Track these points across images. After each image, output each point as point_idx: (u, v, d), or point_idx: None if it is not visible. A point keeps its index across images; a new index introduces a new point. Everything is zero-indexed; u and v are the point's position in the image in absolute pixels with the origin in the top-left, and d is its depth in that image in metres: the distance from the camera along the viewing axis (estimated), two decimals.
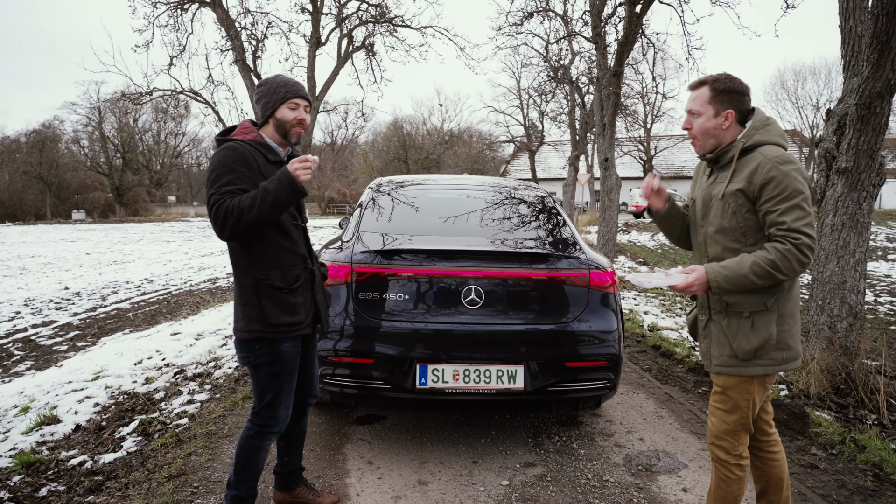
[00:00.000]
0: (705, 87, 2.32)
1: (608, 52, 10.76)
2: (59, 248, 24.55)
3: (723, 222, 2.29)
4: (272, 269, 2.49)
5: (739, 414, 2.31)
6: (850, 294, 4.61)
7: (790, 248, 2.10)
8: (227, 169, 2.37)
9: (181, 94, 11.94)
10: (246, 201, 2.32)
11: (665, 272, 2.28)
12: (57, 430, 4.16)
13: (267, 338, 2.48)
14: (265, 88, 2.55)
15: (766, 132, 2.27)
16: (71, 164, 53.68)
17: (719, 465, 2.38)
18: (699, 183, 2.51)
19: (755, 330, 2.23)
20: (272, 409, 2.59)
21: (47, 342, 9.02)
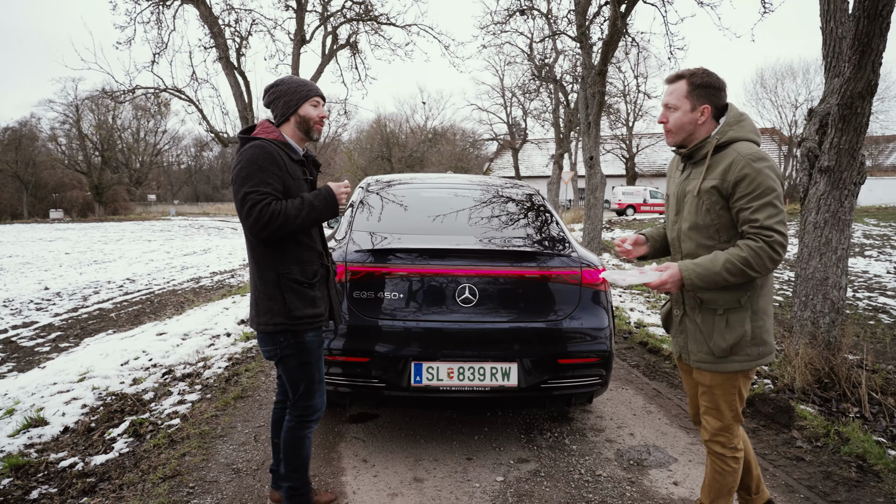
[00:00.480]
0: (683, 80, 2.32)
1: (593, 50, 10.84)
2: (38, 248, 24.15)
3: (697, 219, 2.31)
4: (293, 265, 2.58)
5: (730, 409, 2.38)
6: (832, 290, 4.71)
7: (763, 245, 2.12)
8: (258, 167, 2.45)
9: (164, 92, 11.81)
10: (292, 210, 2.45)
11: (639, 269, 2.30)
12: (45, 432, 4.11)
13: (291, 329, 2.56)
14: (283, 87, 2.62)
15: (740, 128, 2.28)
16: (48, 163, 52.67)
17: (716, 459, 2.44)
18: (673, 179, 2.54)
19: (730, 327, 2.27)
20: (307, 399, 2.67)
21: (28, 343, 8.88)
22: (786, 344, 4.92)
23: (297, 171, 2.59)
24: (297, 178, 2.59)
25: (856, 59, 4.19)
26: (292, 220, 2.45)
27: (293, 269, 2.57)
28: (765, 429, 3.93)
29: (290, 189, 2.54)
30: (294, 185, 2.56)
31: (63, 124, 52.52)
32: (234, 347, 6.13)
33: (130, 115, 54.69)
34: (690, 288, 2.22)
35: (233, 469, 3.33)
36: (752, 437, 3.81)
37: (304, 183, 2.63)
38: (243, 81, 12.34)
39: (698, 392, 2.50)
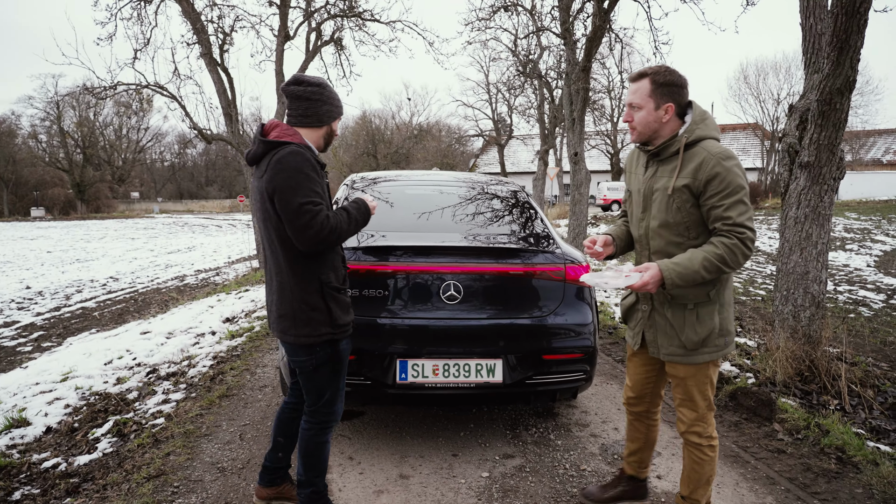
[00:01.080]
0: (646, 79, 2.34)
1: (577, 47, 10.87)
2: (19, 247, 23.84)
3: (667, 217, 2.35)
4: (330, 272, 2.56)
5: (704, 399, 2.46)
6: (812, 284, 4.78)
7: (736, 242, 2.19)
8: (305, 176, 2.39)
9: (146, 89, 11.66)
10: (344, 224, 2.48)
11: (616, 269, 2.33)
12: (27, 432, 4.07)
13: (335, 339, 2.55)
14: (329, 95, 2.56)
15: (705, 127, 2.33)
16: (29, 160, 51.94)
17: (693, 449, 2.50)
18: (635, 175, 2.56)
19: (700, 321, 2.34)
20: (332, 406, 2.66)
21: (10, 343, 8.78)
22: (767, 338, 4.99)
23: (323, 176, 2.58)
24: (325, 183, 2.58)
25: (834, 55, 4.24)
26: (345, 235, 2.50)
27: (332, 277, 2.56)
28: (746, 422, 3.98)
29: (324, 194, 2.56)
30: (327, 190, 2.57)
31: (44, 121, 51.85)
32: (219, 346, 6.09)
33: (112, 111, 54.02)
34: (670, 286, 2.24)
35: (218, 468, 3.31)
36: (734, 431, 3.86)
37: (326, 188, 2.62)
38: (227, 78, 12.23)
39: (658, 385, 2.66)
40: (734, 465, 3.37)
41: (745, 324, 6.66)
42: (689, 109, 2.38)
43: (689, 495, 2.57)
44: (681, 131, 2.34)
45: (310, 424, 2.66)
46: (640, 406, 2.76)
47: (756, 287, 9.83)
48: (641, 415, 2.78)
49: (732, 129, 46.10)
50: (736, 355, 5.20)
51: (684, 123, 2.37)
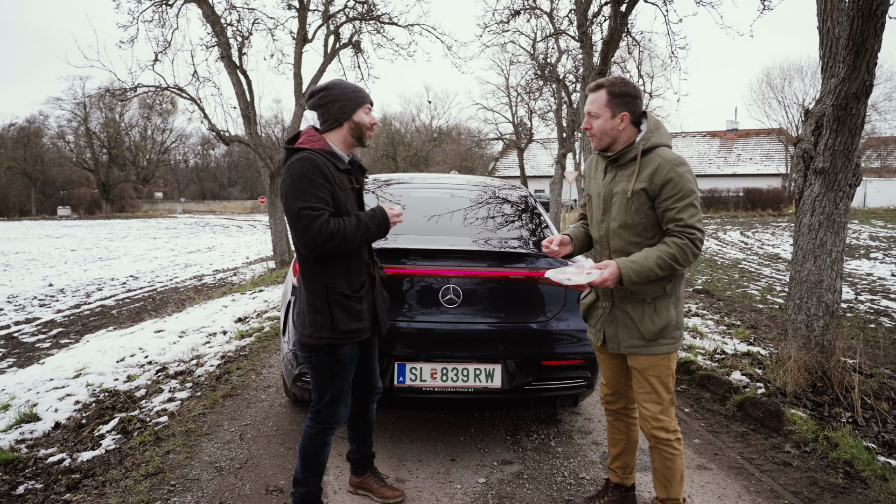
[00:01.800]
0: (602, 90, 2.49)
1: (594, 50, 10.80)
2: (44, 245, 24.34)
3: (626, 218, 2.49)
4: (341, 277, 2.57)
5: (667, 391, 2.55)
6: (826, 293, 4.67)
7: (687, 242, 2.35)
8: (309, 181, 2.43)
9: (166, 91, 11.85)
10: (349, 230, 2.46)
11: (578, 266, 2.53)
12: (36, 427, 4.14)
13: (333, 343, 2.57)
14: (337, 92, 2.58)
15: (659, 135, 2.49)
16: (56, 160, 53.09)
17: (661, 445, 2.56)
18: (595, 180, 2.71)
19: (658, 313, 2.48)
20: (332, 408, 2.68)
21: (30, 339, 8.96)
22: (779, 347, 4.89)
23: (343, 180, 2.57)
24: (345, 188, 2.56)
25: (850, 59, 4.15)
26: (349, 241, 2.47)
27: (341, 283, 2.56)
28: (753, 433, 3.90)
29: (338, 200, 2.51)
30: (342, 196, 2.54)
31: (71, 122, 52.95)
32: (228, 346, 6.14)
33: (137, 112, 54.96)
34: (627, 283, 2.39)
35: (215, 467, 3.33)
36: (740, 442, 3.79)
37: (350, 193, 2.61)
38: (245, 80, 12.37)
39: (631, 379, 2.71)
40: (738, 476, 3.30)
41: (761, 332, 6.54)
42: (644, 119, 2.53)
43: (668, 496, 2.60)
44: (637, 139, 2.50)
45: (312, 423, 2.70)
46: (617, 403, 2.83)
47: (774, 295, 9.66)
48: (620, 413, 2.84)
49: (756, 134, 45.36)
50: (747, 364, 5.11)
51: (639, 132, 2.53)
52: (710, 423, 4.12)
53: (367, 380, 2.92)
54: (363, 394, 2.94)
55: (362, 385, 2.91)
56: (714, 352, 5.67)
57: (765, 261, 14.77)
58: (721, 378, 4.73)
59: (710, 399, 4.57)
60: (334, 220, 2.45)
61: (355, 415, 2.97)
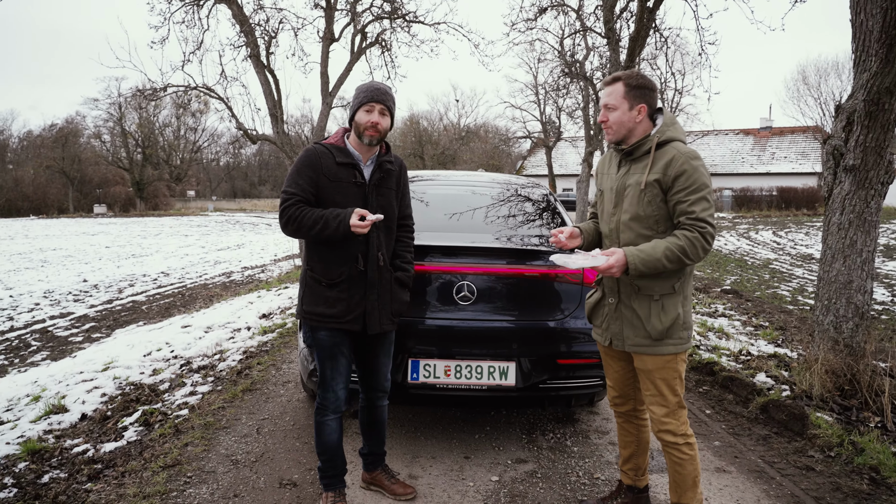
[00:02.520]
0: (619, 82, 2.47)
1: (620, 47, 10.66)
2: (80, 242, 24.99)
3: (638, 210, 2.44)
4: (318, 263, 2.72)
5: (673, 394, 2.48)
6: (856, 294, 4.54)
7: (697, 235, 2.30)
8: (295, 169, 2.67)
9: (194, 90, 12.05)
10: (306, 220, 2.59)
11: (585, 253, 2.47)
12: (64, 419, 4.25)
13: (305, 322, 2.77)
14: (354, 93, 2.77)
15: (675, 130, 2.46)
16: (93, 159, 54.40)
17: (671, 449, 2.50)
18: (608, 175, 2.68)
19: (665, 311, 2.43)
20: (322, 390, 2.81)
21: (64, 333, 9.20)
22: (806, 349, 4.76)
23: (340, 173, 2.67)
24: (339, 179, 2.66)
25: (883, 52, 4.02)
26: (306, 230, 2.61)
27: (316, 268, 2.72)
28: (776, 436, 3.81)
29: (324, 189, 2.65)
30: (332, 186, 2.66)
31: (107, 122, 54.18)
32: (250, 341, 6.23)
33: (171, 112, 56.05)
34: (634, 272, 2.33)
35: (231, 460, 3.38)
36: (762, 445, 3.70)
37: (350, 186, 2.69)
38: (273, 79, 12.50)
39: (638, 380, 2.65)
40: (758, 480, 3.22)
41: (789, 334, 6.39)
42: (659, 114, 2.52)
43: (679, 500, 2.53)
44: (653, 132, 2.48)
45: (316, 401, 2.84)
46: (626, 405, 2.78)
47: (806, 296, 9.42)
48: (629, 415, 2.79)
49: (791, 132, 44.26)
50: (773, 366, 4.99)
51: (654, 126, 2.51)
52: (731, 426, 4.03)
53: (370, 377, 2.94)
54: (367, 390, 2.97)
55: (366, 381, 2.96)
56: (739, 353, 5.56)
57: (797, 261, 14.42)
58: (744, 380, 4.63)
59: (733, 401, 4.47)
60: (301, 207, 2.61)
61: (363, 409, 3.01)
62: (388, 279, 2.80)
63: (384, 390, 2.98)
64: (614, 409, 2.83)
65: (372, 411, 3.00)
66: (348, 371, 2.82)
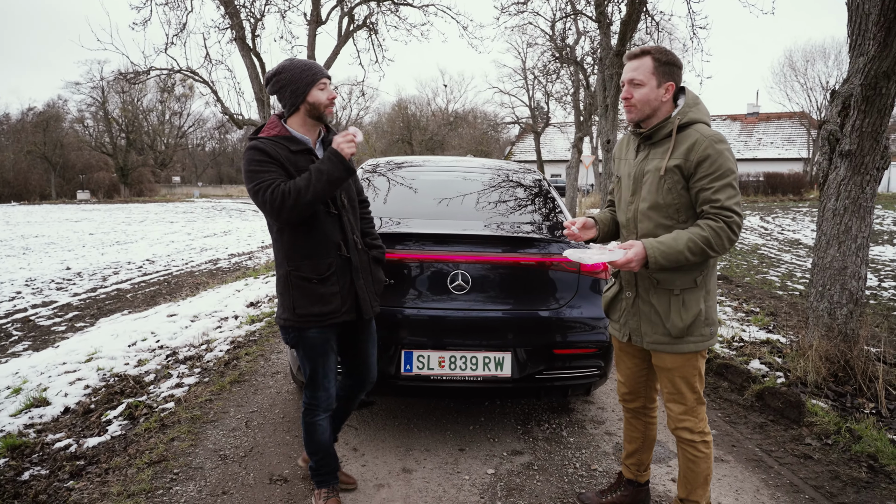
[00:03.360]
0: (648, 57, 2.28)
1: (611, 31, 10.54)
2: (63, 228, 24.58)
3: (657, 198, 2.29)
4: (303, 260, 2.54)
5: (692, 391, 2.38)
6: (850, 280, 4.51)
7: (722, 225, 2.14)
8: (256, 163, 2.44)
9: (178, 73, 11.79)
10: (301, 182, 2.38)
11: (601, 246, 2.30)
12: (46, 412, 4.14)
13: (295, 326, 2.56)
14: (287, 76, 2.50)
15: (698, 111, 2.29)
16: (75, 144, 53.49)
17: (686, 447, 2.42)
18: (625, 160, 2.52)
19: (686, 306, 2.28)
20: (312, 389, 2.68)
21: (46, 322, 9.02)
22: (800, 335, 4.74)
23: (299, 161, 2.52)
24: (300, 168, 2.50)
25: (881, 35, 3.95)
26: (304, 192, 2.37)
27: (303, 266, 2.54)
28: (773, 424, 3.78)
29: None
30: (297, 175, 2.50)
31: (90, 106, 53.22)
32: (238, 330, 6.12)
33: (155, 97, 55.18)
34: (654, 266, 2.19)
35: (220, 455, 3.29)
36: (759, 433, 3.67)
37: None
38: (258, 63, 12.27)
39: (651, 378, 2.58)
40: (756, 469, 3.19)
41: (780, 320, 6.38)
42: (681, 94, 2.36)
43: (688, 496, 2.46)
44: (674, 113, 2.31)
45: (303, 401, 2.72)
46: (635, 402, 2.68)
47: (795, 282, 9.44)
48: (638, 411, 2.69)
49: (777, 117, 44.46)
50: (766, 353, 4.97)
51: (675, 108, 2.34)
52: (727, 414, 4.00)
53: (356, 368, 2.85)
54: (355, 381, 2.88)
55: (355, 370, 2.86)
56: (732, 339, 5.53)
57: (785, 246, 14.48)
58: (739, 367, 4.60)
59: (728, 388, 4.44)
60: (286, 181, 2.41)
61: (341, 397, 2.90)
62: (367, 261, 2.73)
63: (373, 380, 2.91)
64: (623, 404, 2.72)
65: (347, 404, 2.92)
66: (336, 366, 2.72)
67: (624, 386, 2.68)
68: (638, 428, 2.71)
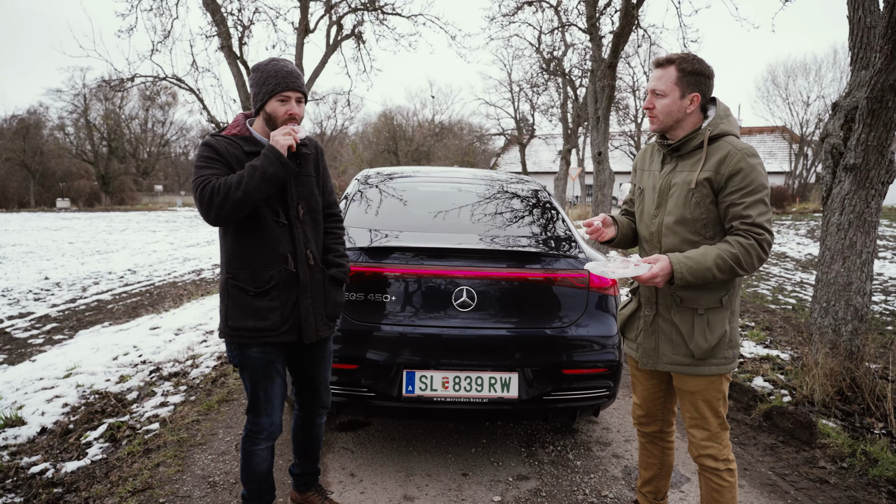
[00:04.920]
0: (672, 66, 2.18)
1: (603, 43, 10.53)
2: (42, 237, 24.04)
3: (684, 212, 2.19)
4: (242, 270, 2.35)
5: (716, 416, 2.26)
6: (855, 296, 4.43)
7: (753, 243, 2.04)
8: (203, 159, 2.30)
9: (164, 81, 11.58)
10: (233, 179, 2.21)
11: (623, 258, 2.17)
12: (21, 432, 3.91)
13: (232, 340, 2.38)
14: (256, 77, 2.37)
15: (729, 123, 2.20)
16: (56, 152, 52.64)
17: (709, 475, 2.29)
18: (650, 172, 2.39)
19: (711, 327, 2.17)
20: (254, 415, 2.48)
21: (23, 335, 8.69)
22: (804, 352, 4.65)
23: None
24: None
25: (888, 48, 3.90)
26: (235, 189, 2.18)
27: (241, 275, 2.35)
28: (783, 445, 3.66)
29: None
30: None
31: (71, 113, 52.45)
32: (224, 345, 5.91)
33: (138, 104, 54.57)
34: (680, 282, 2.07)
35: (208, 482, 3.08)
36: (770, 455, 3.55)
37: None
38: (246, 71, 12.09)
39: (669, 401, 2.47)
40: (771, 495, 3.06)
41: (776, 335, 6.31)
42: (711, 105, 2.25)
43: None
44: (704, 124, 2.19)
45: (245, 426, 2.53)
46: (652, 425, 2.54)
47: (786, 295, 9.42)
48: (655, 436, 2.55)
49: (759, 131, 45.11)
50: (769, 369, 4.87)
51: (705, 118, 2.23)
52: (735, 434, 3.88)
53: (309, 392, 2.68)
54: (305, 406, 2.71)
55: (306, 396, 2.69)
56: None
57: (772, 260, 14.52)
58: (744, 385, 4.49)
59: (734, 407, 4.33)
60: (219, 177, 2.24)
61: (299, 427, 2.74)
62: (321, 279, 2.51)
63: (325, 406, 2.73)
64: (638, 428, 2.59)
65: (309, 429, 2.74)
66: (284, 391, 2.53)
67: (640, 408, 2.55)
68: (654, 454, 2.57)
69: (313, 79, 13.02)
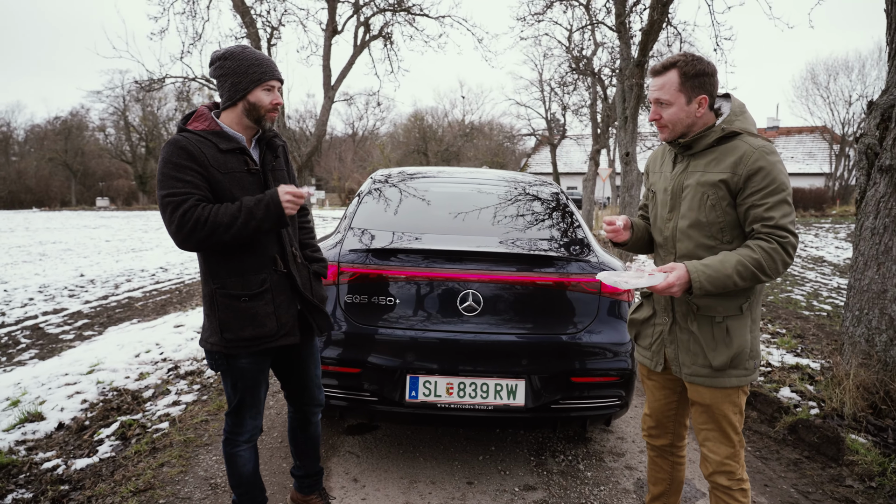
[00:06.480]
0: (673, 71, 2.04)
1: (632, 42, 10.32)
2: (81, 235, 24.74)
3: (699, 216, 2.07)
4: (231, 277, 2.25)
5: (735, 431, 2.13)
6: (890, 304, 4.21)
7: (776, 247, 1.92)
8: (174, 165, 2.12)
9: (193, 81, 11.75)
10: (224, 217, 2.09)
11: (637, 268, 2.06)
12: (39, 427, 3.97)
13: (223, 352, 2.28)
14: (232, 65, 2.20)
15: (745, 120, 2.07)
16: (96, 152, 54.29)
17: (721, 495, 2.16)
18: (662, 173, 2.26)
19: (731, 336, 2.06)
20: (236, 417, 2.43)
21: (55, 330, 8.91)
22: (834, 362, 4.44)
23: (230, 162, 2.21)
24: (231, 170, 2.21)
25: None
26: (223, 230, 2.09)
27: (230, 283, 2.23)
28: (809, 461, 3.49)
29: (218, 184, 2.17)
30: (225, 179, 2.19)
31: (111, 115, 53.94)
32: None
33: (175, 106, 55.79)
34: (699, 292, 1.94)
35: (210, 484, 3.07)
36: (794, 471, 3.38)
37: (245, 176, 2.25)
38: None
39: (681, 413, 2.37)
40: None
41: (808, 343, 6.06)
42: (724, 101, 2.14)
43: None
44: (718, 122, 2.06)
45: (224, 429, 2.47)
46: (662, 438, 2.42)
47: (821, 301, 9.08)
48: (665, 450, 2.43)
49: (798, 132, 43.84)
50: (797, 379, 4.67)
51: (717, 116, 2.10)
52: (757, 448, 3.71)
53: (303, 391, 2.62)
54: (300, 405, 2.66)
55: (299, 396, 2.63)
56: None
57: (808, 264, 14.07)
58: (769, 395, 4.31)
59: (758, 419, 4.15)
60: (205, 205, 2.10)
61: (295, 428, 2.69)
62: (307, 276, 2.46)
63: (319, 403, 2.67)
64: (648, 440, 2.47)
65: (306, 427, 2.69)
66: (266, 391, 2.48)
67: (650, 419, 2.44)
68: (664, 468, 2.46)
69: (341, 79, 13.08)
